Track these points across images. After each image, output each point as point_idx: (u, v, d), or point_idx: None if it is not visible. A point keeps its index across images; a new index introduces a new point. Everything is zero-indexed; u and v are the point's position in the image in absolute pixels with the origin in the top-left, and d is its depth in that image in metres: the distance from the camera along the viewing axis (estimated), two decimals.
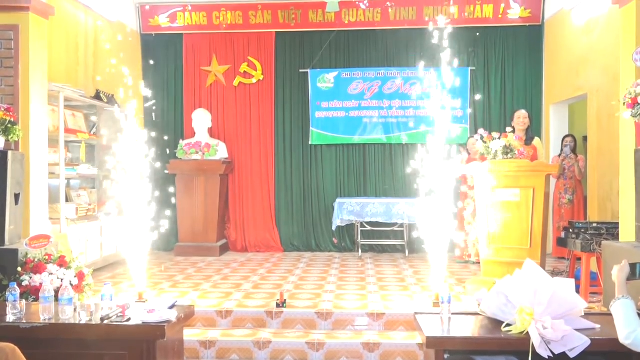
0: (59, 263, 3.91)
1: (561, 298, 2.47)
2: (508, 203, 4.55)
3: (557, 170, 4.78)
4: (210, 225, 7.09)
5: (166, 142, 7.43)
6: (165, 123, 7.64)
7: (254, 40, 7.64)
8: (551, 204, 6.25)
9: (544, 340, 2.32)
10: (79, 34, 6.26)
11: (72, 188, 6.04)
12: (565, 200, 6.44)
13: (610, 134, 5.36)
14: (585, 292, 4.41)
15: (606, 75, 5.58)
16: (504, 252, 4.57)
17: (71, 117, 5.88)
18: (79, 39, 6.27)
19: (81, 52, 6.30)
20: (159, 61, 7.69)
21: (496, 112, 7.40)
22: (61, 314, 2.81)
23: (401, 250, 7.17)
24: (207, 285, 5.27)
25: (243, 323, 4.24)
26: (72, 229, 5.35)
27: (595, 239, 4.47)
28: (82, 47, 6.31)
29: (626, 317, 2.26)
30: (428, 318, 2.75)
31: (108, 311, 2.81)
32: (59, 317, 2.80)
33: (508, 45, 7.44)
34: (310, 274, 5.87)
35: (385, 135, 7.48)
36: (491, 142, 4.62)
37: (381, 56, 7.58)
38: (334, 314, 4.23)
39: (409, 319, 4.06)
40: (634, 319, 2.25)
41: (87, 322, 2.76)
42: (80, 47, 6.28)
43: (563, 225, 6.06)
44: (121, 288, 5.04)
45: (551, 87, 7.18)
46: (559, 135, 6.98)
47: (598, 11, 5.84)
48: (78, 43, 6.24)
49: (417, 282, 5.36)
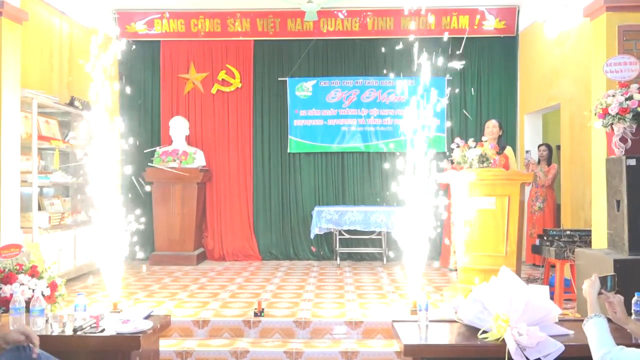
0: (31, 273, 3.82)
1: (536, 305, 2.50)
2: (484, 211, 4.62)
3: (531, 179, 4.90)
4: (187, 234, 7.01)
5: (143, 149, 7.34)
6: (141, 130, 7.55)
7: (233, 48, 7.63)
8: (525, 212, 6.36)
9: (519, 346, 2.35)
10: (53, 39, 6.17)
11: (45, 196, 5.92)
12: (536, 208, 6.56)
13: (583, 143, 5.48)
14: (559, 298, 4.48)
15: (578, 86, 5.71)
16: (481, 259, 4.63)
17: (45, 124, 5.77)
18: (54, 44, 6.18)
19: (56, 58, 6.20)
20: (135, 68, 7.61)
21: (472, 121, 7.51)
22: (32, 325, 2.74)
23: (379, 258, 7.19)
24: (183, 294, 5.20)
25: (220, 333, 4.20)
26: (44, 238, 5.24)
27: (568, 246, 4.56)
28: (56, 53, 6.21)
29: (600, 337, 2.18)
30: (406, 326, 2.76)
31: (81, 322, 2.75)
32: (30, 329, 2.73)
33: (483, 56, 7.58)
34: (288, 282, 5.84)
35: (364, 144, 7.52)
36: (467, 150, 4.68)
37: (359, 65, 7.63)
38: (312, 322, 4.21)
39: (387, 327, 4.06)
40: (608, 338, 2.17)
41: (59, 333, 2.70)
42: (54, 53, 6.18)
43: (535, 232, 6.18)
44: (95, 298, 4.95)
45: (525, 97, 7.32)
46: (533, 144, 7.12)
47: (570, 24, 5.98)
48: (52, 49, 6.15)
49: (395, 290, 5.37)
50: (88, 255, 6.04)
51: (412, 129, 4.43)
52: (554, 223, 6.38)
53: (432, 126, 7.20)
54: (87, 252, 6.02)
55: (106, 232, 3.90)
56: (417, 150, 4.31)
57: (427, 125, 4.27)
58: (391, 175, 7.46)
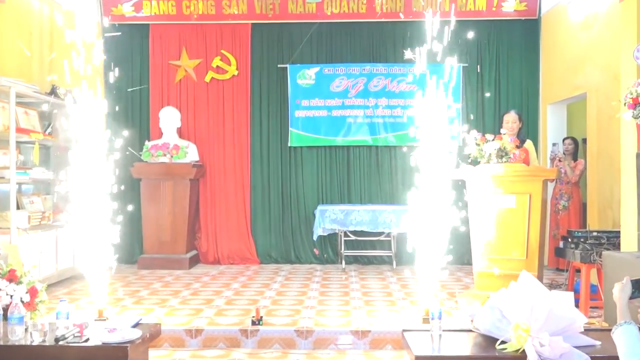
0: (9, 277, 3.82)
1: (559, 313, 2.50)
2: (503, 210, 4.61)
3: (554, 175, 4.85)
4: (178, 235, 7.03)
5: (130, 143, 7.35)
6: (129, 122, 7.55)
7: (228, 32, 7.62)
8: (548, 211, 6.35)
9: (541, 358, 2.35)
10: (33, 24, 6.17)
11: (24, 194, 5.94)
12: (560, 207, 6.54)
13: (611, 137, 5.46)
14: (584, 306, 4.48)
15: (606, 74, 5.69)
16: (499, 263, 4.62)
17: (23, 115, 5.78)
18: (33, 29, 6.18)
19: (35, 43, 6.21)
20: (122, 54, 7.60)
21: (490, 112, 7.49)
22: (10, 334, 2.75)
23: (388, 261, 7.20)
24: (174, 301, 5.22)
25: (215, 343, 4.21)
26: (23, 239, 5.26)
27: (595, 248, 4.55)
28: (36, 39, 6.22)
29: (630, 346, 2.15)
30: (417, 335, 2.76)
31: (64, 331, 2.76)
32: (8, 338, 2.75)
33: (502, 41, 7.55)
34: (289, 288, 5.85)
35: (371, 137, 7.52)
36: (484, 144, 4.67)
37: (366, 51, 7.62)
38: (315, 331, 4.22)
39: (396, 337, 4.06)
40: (638, 347, 2.14)
41: (40, 343, 2.71)
42: (34, 38, 6.19)
43: (559, 233, 6.16)
44: (79, 305, 4.97)
45: (548, 86, 7.30)
46: (556, 138, 7.09)
47: (597, 6, 5.96)
48: (32, 34, 6.15)
49: (405, 297, 5.38)
50: (71, 258, 6.06)
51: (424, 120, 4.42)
52: (579, 223, 6.36)
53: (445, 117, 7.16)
54: (70, 255, 6.04)
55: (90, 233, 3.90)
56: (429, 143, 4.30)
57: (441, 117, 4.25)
58: (401, 171, 7.50)
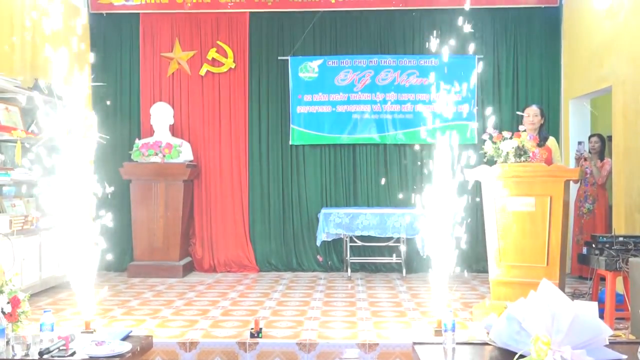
0: None
1: (583, 324, 2.49)
2: (521, 214, 4.60)
3: (578, 175, 4.83)
4: (171, 241, 7.05)
5: (119, 141, 7.38)
6: (118, 119, 7.59)
7: (225, 21, 7.64)
8: (571, 215, 6.34)
9: None
10: (14, 13, 6.19)
11: (5, 196, 5.96)
12: (584, 210, 6.53)
13: (638, 133, 5.45)
14: (610, 317, 4.47)
15: (634, 65, 5.68)
16: (517, 271, 4.62)
17: (4, 111, 5.81)
18: (15, 19, 6.20)
19: (17, 34, 6.23)
20: (110, 46, 7.64)
21: (507, 107, 7.47)
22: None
23: (397, 269, 7.20)
24: (167, 311, 5.23)
25: (211, 356, 4.22)
26: (4, 245, 5.28)
27: (621, 255, 4.53)
28: (18, 29, 6.25)
29: None
30: (429, 349, 2.76)
31: (48, 344, 2.78)
32: None
33: (521, 31, 7.54)
34: (290, 297, 5.86)
35: (379, 134, 7.52)
36: (501, 142, 4.67)
37: (374, 42, 7.62)
38: (319, 344, 4.22)
39: (406, 350, 4.07)
40: None
41: (22, 357, 2.72)
42: (16, 29, 6.21)
43: (583, 239, 6.15)
44: (64, 316, 4.99)
45: (571, 78, 7.29)
46: (579, 135, 7.09)
47: None
48: (14, 24, 6.18)
49: (416, 307, 5.38)
50: (56, 265, 6.07)
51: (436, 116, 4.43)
52: (605, 228, 6.34)
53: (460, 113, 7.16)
54: (54, 262, 6.05)
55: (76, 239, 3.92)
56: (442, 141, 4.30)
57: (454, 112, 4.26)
58: (411, 171, 7.50)
